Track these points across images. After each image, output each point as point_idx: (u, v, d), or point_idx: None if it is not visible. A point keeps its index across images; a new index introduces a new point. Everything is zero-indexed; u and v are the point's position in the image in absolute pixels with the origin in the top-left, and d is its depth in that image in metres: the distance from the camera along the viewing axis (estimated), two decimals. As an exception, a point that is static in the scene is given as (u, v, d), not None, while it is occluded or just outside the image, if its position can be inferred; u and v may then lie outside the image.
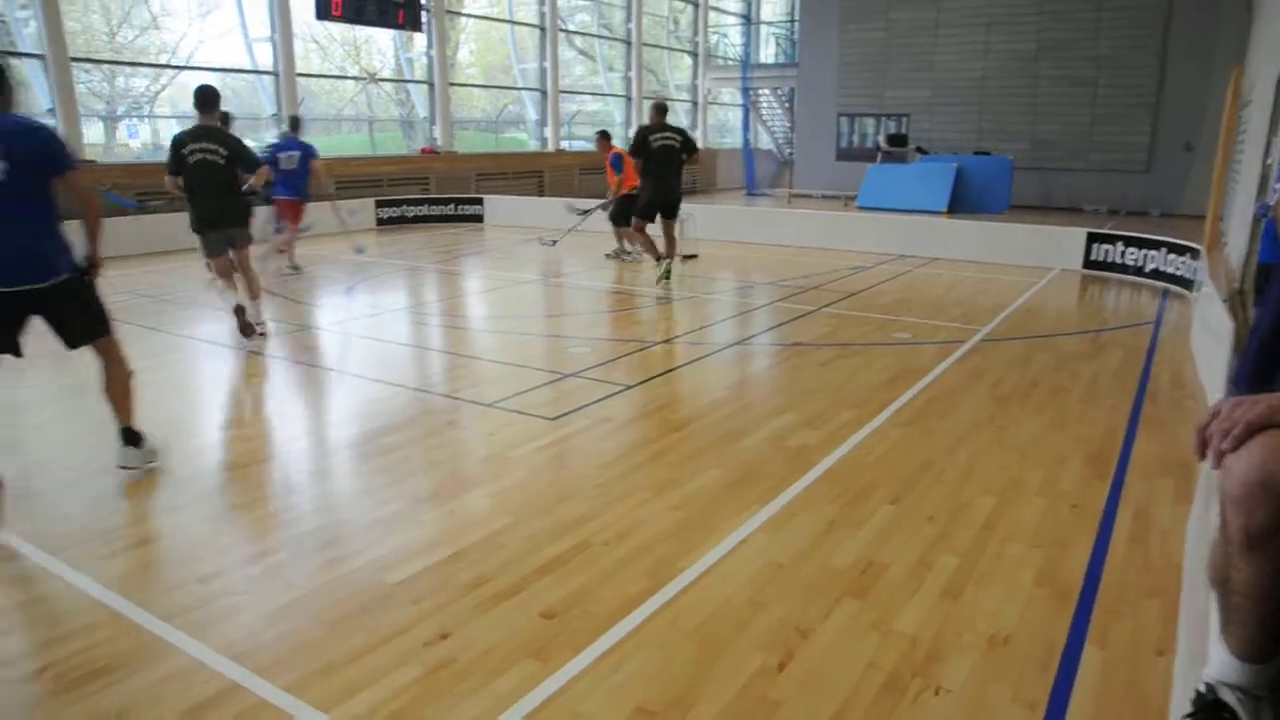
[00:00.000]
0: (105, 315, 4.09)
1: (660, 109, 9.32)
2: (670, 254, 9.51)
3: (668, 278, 9.32)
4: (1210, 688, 1.68)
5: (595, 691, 2.54)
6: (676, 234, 9.84)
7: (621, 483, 4.09)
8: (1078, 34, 18.78)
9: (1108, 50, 18.54)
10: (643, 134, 9.19)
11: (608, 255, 11.65)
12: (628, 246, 11.33)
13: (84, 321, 4.01)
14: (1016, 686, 2.57)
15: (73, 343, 4.00)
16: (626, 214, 10.12)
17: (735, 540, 3.49)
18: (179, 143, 6.47)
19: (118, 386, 4.20)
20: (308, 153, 9.83)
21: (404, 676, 2.60)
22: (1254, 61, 12.99)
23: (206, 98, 6.43)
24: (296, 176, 9.74)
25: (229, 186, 6.64)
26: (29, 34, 11.76)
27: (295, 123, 10.19)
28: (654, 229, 9.43)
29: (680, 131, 9.26)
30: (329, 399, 5.72)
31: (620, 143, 13.48)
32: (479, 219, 16.09)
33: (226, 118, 7.72)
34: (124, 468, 4.16)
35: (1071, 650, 2.75)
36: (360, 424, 5.06)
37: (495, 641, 2.78)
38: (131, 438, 4.20)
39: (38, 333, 3.86)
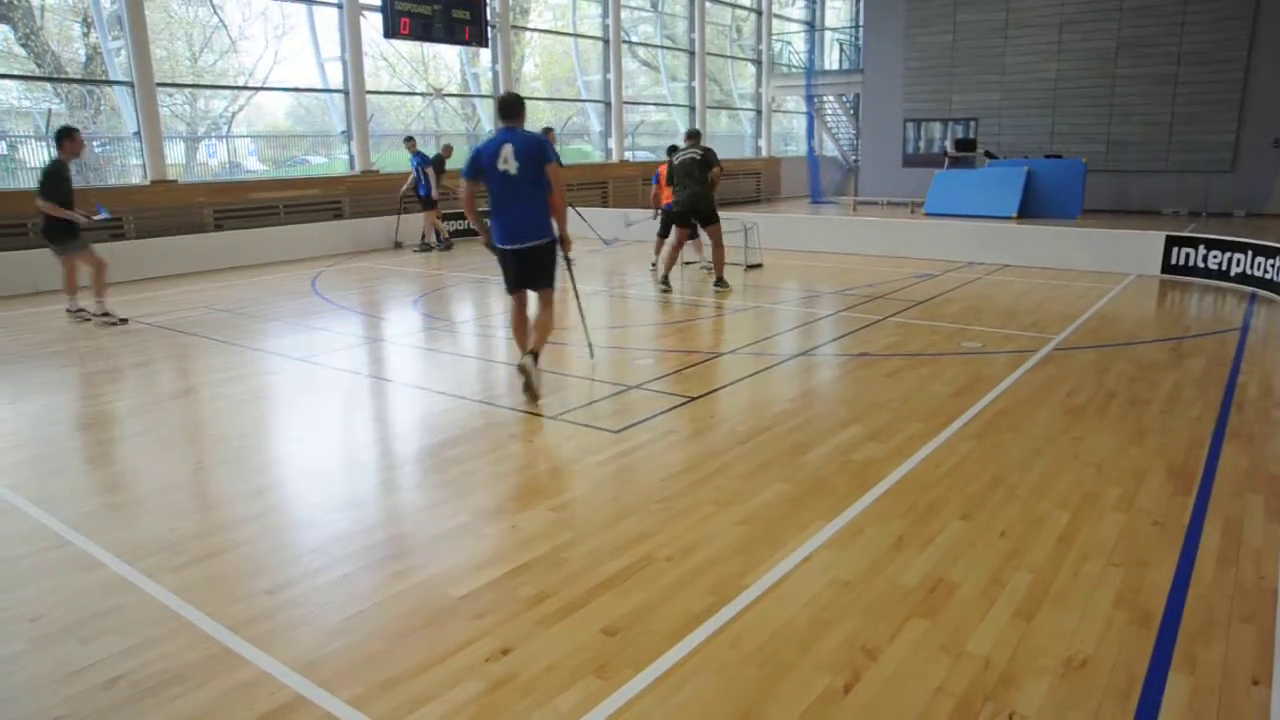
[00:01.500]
0: (554, 273, 5.85)
1: (691, 135, 10.18)
2: (714, 260, 10.00)
3: (721, 284, 9.96)
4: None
5: (656, 711, 2.50)
6: (725, 242, 10.23)
7: (685, 497, 4.05)
8: (1162, 30, 18.19)
9: (1192, 46, 17.91)
10: (669, 154, 10.51)
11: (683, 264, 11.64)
12: (690, 257, 11.36)
13: (544, 274, 5.79)
14: (1096, 714, 2.46)
15: (534, 286, 5.84)
16: (665, 227, 10.96)
17: (800, 557, 3.43)
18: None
19: (543, 324, 5.87)
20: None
21: (466, 692, 2.60)
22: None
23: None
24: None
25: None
26: (120, 62, 12.27)
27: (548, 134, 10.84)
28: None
29: (702, 149, 9.79)
30: (394, 412, 5.81)
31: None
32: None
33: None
34: (521, 369, 5.62)
35: (1155, 677, 2.63)
36: (425, 437, 5.12)
37: (557, 658, 2.77)
38: (535, 359, 5.68)
39: (122, 347, 3.98)
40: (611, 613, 3.03)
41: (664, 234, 11.13)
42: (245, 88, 14.60)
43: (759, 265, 11.57)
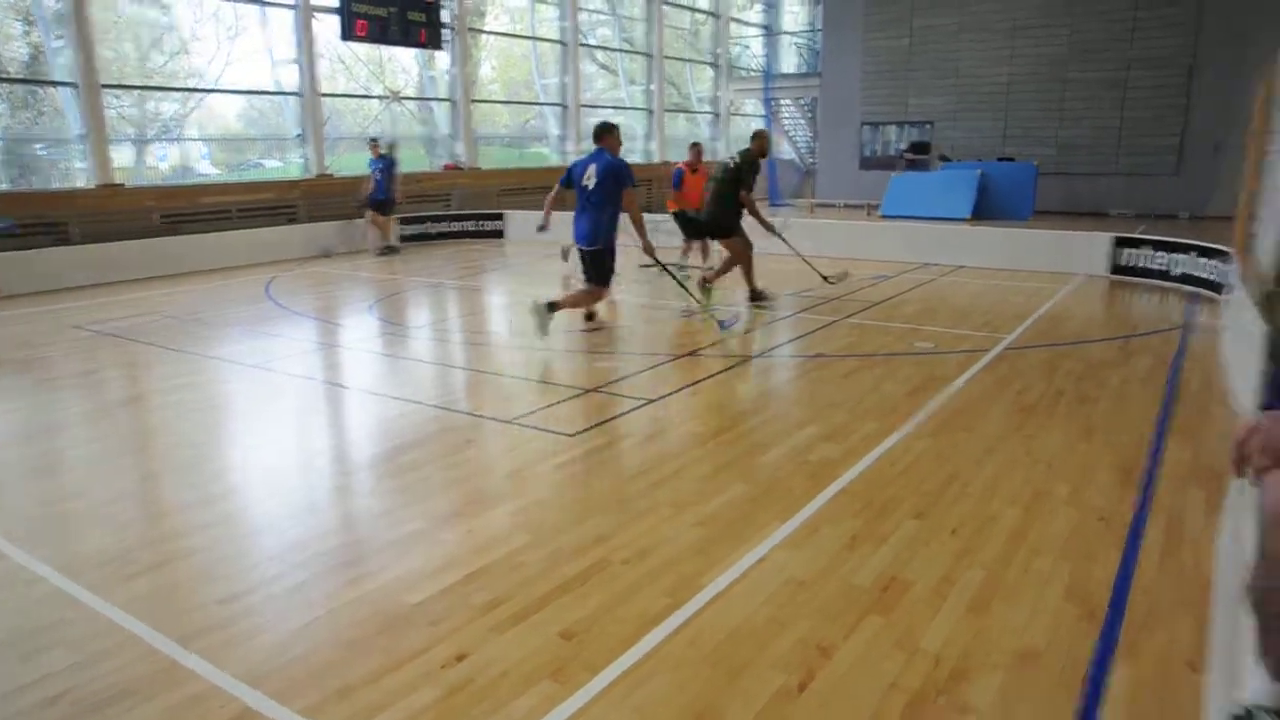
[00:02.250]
0: (606, 276, 7.42)
1: (757, 136, 9.19)
2: (720, 268, 9.33)
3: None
4: (1248, 711, 1.62)
5: (613, 713, 2.51)
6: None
7: (642, 499, 4.06)
8: (1111, 35, 18.57)
9: (1141, 52, 18.33)
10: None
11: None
12: (694, 261, 11.34)
13: (594, 272, 7.41)
14: (1045, 706, 2.51)
15: (587, 279, 7.49)
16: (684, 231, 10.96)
17: (756, 557, 3.45)
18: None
19: (577, 296, 7.56)
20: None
21: (421, 699, 2.58)
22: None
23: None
24: None
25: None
26: (63, 63, 11.99)
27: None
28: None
29: (740, 159, 8.89)
30: (349, 417, 5.74)
31: (640, 157, 13.41)
32: (501, 234, 16.17)
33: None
34: (534, 307, 7.00)
35: (1100, 667, 2.69)
36: (381, 442, 5.08)
37: (513, 663, 2.76)
38: (552, 308, 7.10)
39: (67, 355, 3.89)
40: (568, 616, 3.03)
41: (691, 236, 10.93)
42: (196, 90, 14.34)
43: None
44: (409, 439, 5.02)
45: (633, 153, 23.53)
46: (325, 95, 15.25)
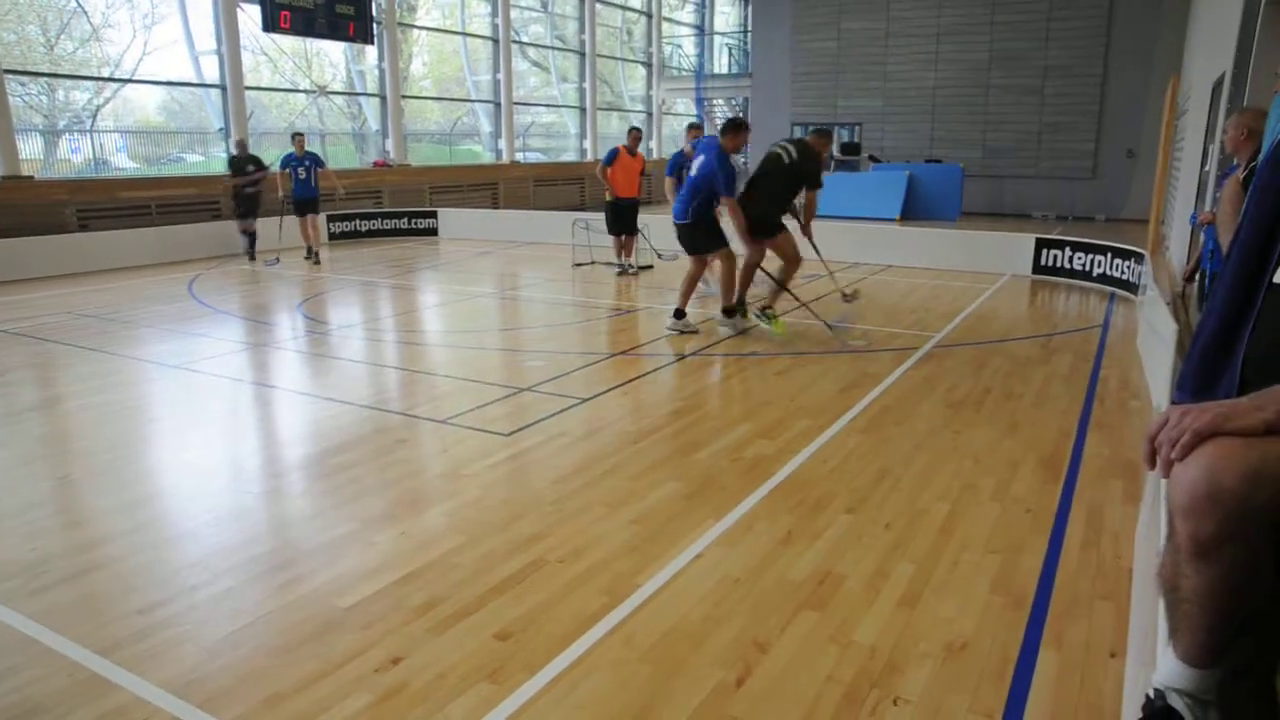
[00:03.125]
0: (704, 244, 7.61)
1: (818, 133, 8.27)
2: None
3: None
4: (1159, 693, 1.68)
5: (552, 713, 2.49)
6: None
7: (577, 498, 4.05)
8: (1028, 44, 19.19)
9: (1056, 60, 18.97)
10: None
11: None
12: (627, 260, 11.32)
13: (689, 244, 7.71)
14: (974, 694, 2.57)
15: (689, 252, 7.86)
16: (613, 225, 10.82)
17: (691, 554, 3.47)
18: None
19: (725, 279, 7.67)
20: None
21: (355, 704, 2.53)
22: (1189, 70, 13.36)
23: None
24: None
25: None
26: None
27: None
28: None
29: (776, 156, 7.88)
30: (278, 419, 5.60)
31: (573, 155, 13.24)
32: (434, 232, 15.96)
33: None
34: (723, 325, 7.47)
35: (1026, 656, 2.77)
36: (310, 444, 4.96)
37: (449, 665, 2.72)
38: (729, 312, 7.60)
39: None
40: (504, 617, 3.00)
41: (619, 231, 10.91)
42: (111, 79, 13.82)
43: (650, 267, 11.65)
44: (340, 440, 4.92)
45: (566, 151, 23.45)
46: (249, 89, 14.85)
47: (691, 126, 10.60)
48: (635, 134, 11.15)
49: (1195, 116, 9.92)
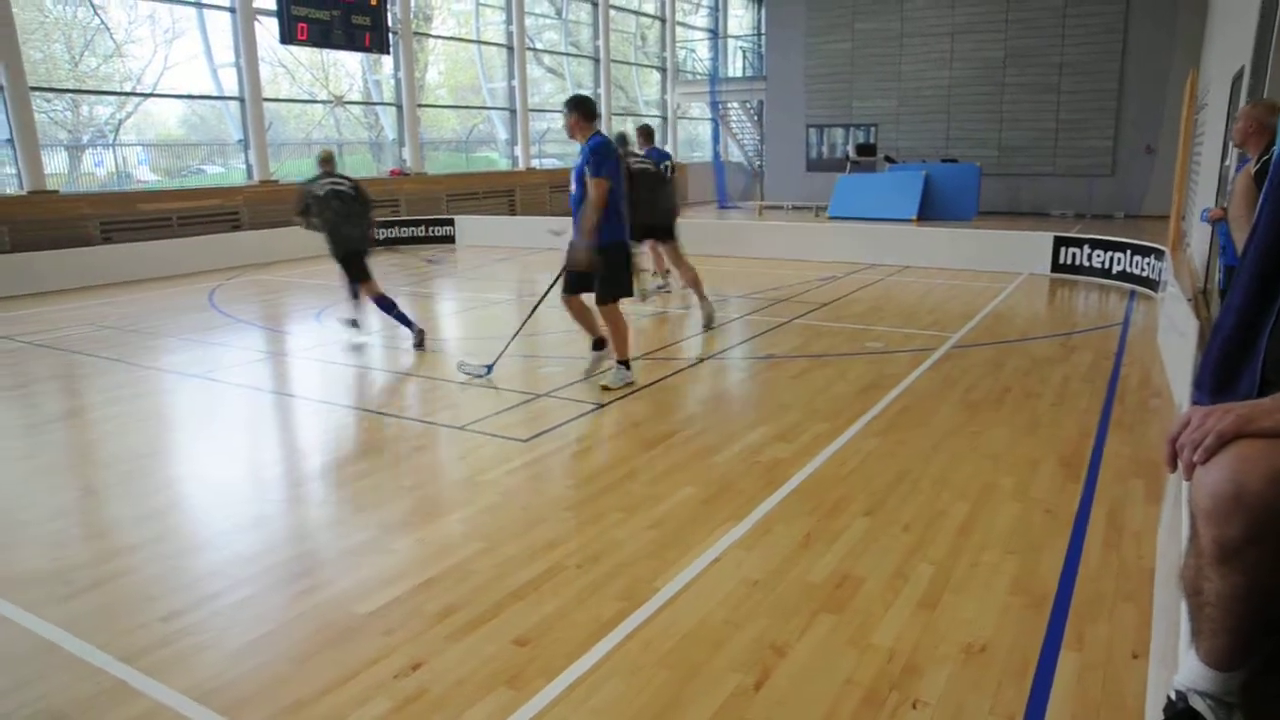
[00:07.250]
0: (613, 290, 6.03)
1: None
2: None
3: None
4: (1181, 695, 1.66)
5: (570, 719, 2.49)
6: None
7: (595, 503, 4.05)
8: (1043, 41, 19.07)
9: (1072, 56, 18.83)
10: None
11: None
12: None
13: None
14: (994, 696, 2.55)
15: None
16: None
17: (709, 558, 3.46)
18: None
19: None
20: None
21: (375, 710, 2.54)
22: (1208, 63, 13.22)
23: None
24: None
25: None
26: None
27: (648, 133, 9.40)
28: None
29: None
30: (298, 427, 5.64)
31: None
32: (451, 239, 16.03)
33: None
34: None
35: (1047, 657, 2.74)
36: (329, 452, 5.00)
37: (467, 671, 2.73)
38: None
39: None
40: (522, 623, 3.01)
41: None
42: (133, 94, 13.99)
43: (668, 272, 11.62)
44: (359, 447, 4.95)
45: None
46: (268, 100, 14.99)
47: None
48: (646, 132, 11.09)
49: (1215, 110, 9.82)
